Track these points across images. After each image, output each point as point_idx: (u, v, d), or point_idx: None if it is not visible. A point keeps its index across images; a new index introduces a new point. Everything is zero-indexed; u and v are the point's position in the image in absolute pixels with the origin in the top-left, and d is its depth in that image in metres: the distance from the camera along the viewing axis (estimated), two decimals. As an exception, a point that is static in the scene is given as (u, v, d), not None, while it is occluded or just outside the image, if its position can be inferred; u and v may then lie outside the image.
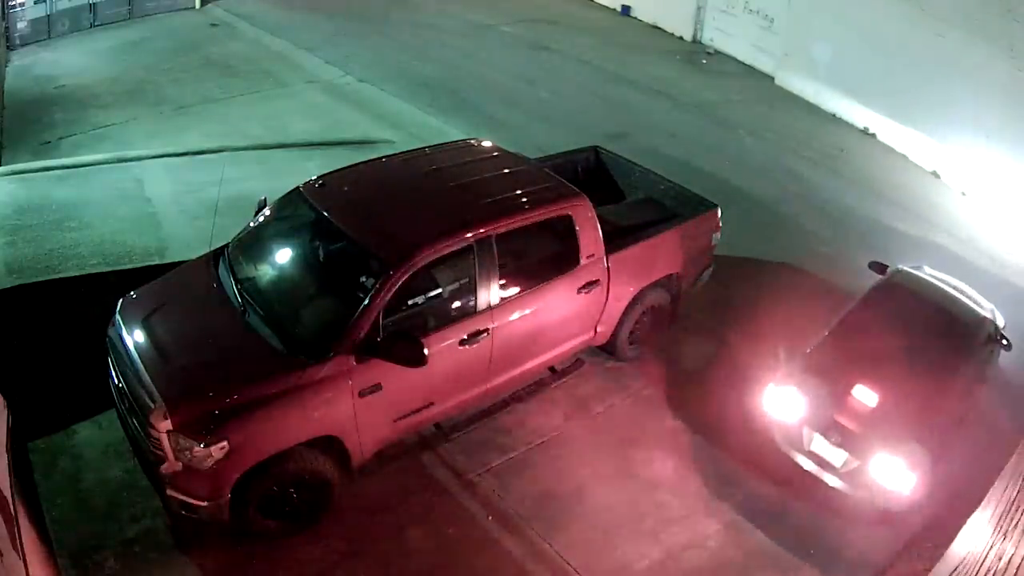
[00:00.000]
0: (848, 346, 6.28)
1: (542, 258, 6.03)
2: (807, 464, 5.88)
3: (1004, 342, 6.74)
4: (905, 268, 7.33)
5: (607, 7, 17.60)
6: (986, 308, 6.94)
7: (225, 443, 4.53)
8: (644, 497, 5.83)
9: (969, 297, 6.99)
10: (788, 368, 6.19)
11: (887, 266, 7.52)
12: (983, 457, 5.91)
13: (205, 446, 4.50)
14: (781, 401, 6.03)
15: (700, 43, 15.80)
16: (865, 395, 5.72)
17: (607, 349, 6.85)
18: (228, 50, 14.00)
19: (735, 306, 7.87)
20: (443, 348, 5.29)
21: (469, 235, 5.40)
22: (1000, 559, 3.53)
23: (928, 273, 7.31)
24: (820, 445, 5.79)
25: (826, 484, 5.78)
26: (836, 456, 5.70)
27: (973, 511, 5.14)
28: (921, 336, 6.30)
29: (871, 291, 6.94)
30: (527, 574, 5.15)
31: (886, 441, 5.50)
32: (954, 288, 7.06)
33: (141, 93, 12.02)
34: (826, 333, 6.46)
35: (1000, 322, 6.91)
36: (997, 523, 4.08)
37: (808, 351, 6.32)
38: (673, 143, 11.24)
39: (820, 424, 5.79)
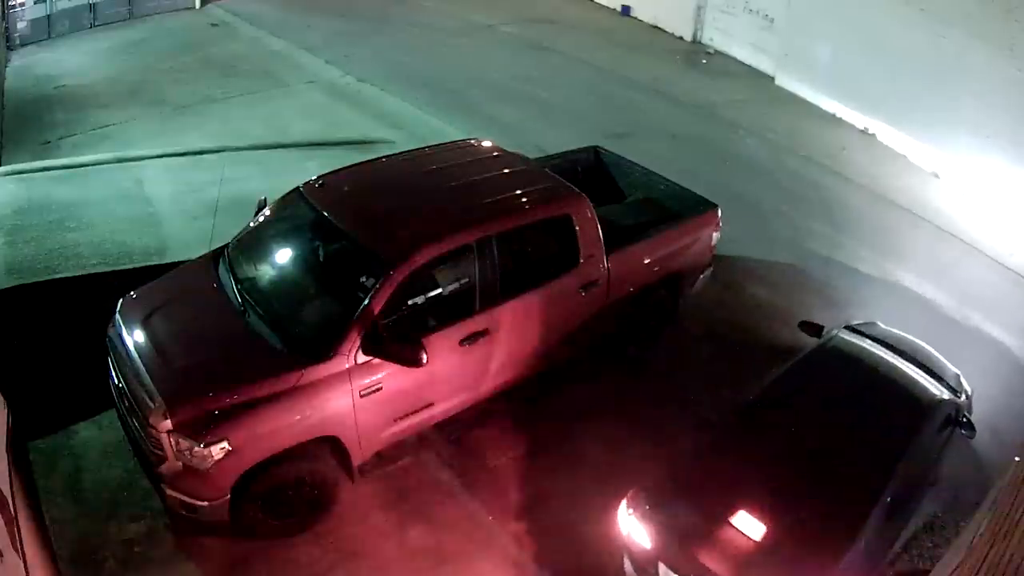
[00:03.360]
0: (740, 448, 4.84)
1: (542, 258, 6.02)
2: None
3: (965, 422, 5.34)
4: (843, 333, 5.86)
5: (607, 7, 17.60)
6: (949, 376, 5.65)
7: (225, 443, 4.53)
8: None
9: (928, 366, 5.63)
10: (651, 478, 4.76)
11: (822, 327, 6.12)
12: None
13: (205, 446, 4.50)
14: (633, 524, 4.56)
15: (700, 43, 15.79)
16: (748, 525, 4.33)
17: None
18: (228, 50, 14.02)
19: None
20: (443, 348, 5.28)
21: (469, 235, 5.40)
22: (1000, 559, 3.52)
23: (880, 334, 5.95)
24: None
25: None
26: None
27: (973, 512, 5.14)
28: (848, 431, 4.89)
29: (791, 366, 5.46)
30: (527, 574, 5.14)
31: None
32: (909, 355, 5.67)
33: (141, 93, 12.04)
34: (713, 424, 5.08)
35: (964, 395, 5.67)
36: (997, 524, 4.08)
37: (683, 452, 4.93)
38: (673, 143, 11.23)
39: (678, 562, 4.35)
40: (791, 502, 4.48)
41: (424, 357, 4.90)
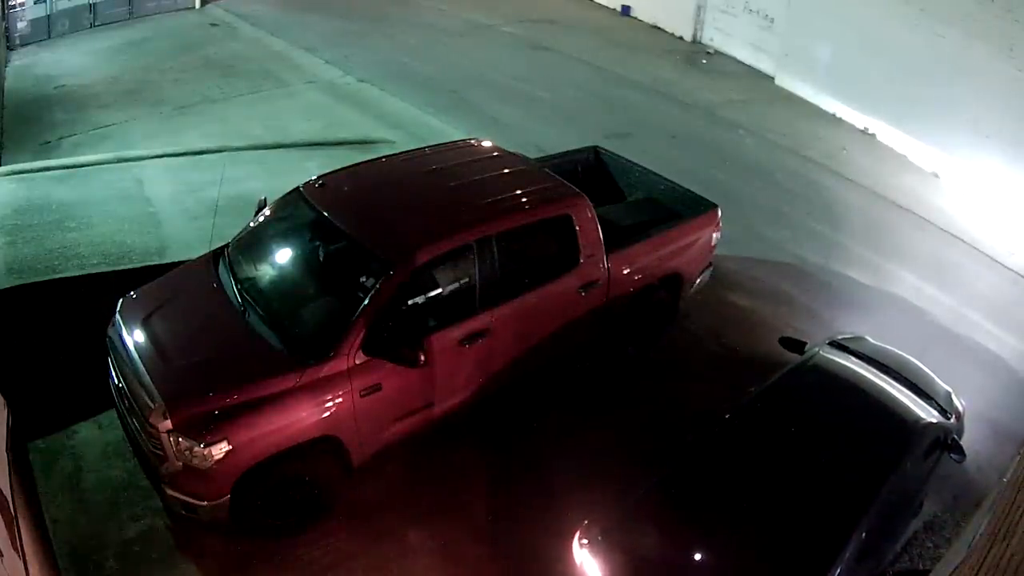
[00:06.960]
0: (702, 476, 4.49)
1: (542, 258, 6.02)
2: None
3: (954, 446, 5.03)
4: (825, 350, 5.51)
5: (607, 7, 17.61)
6: (939, 395, 5.37)
7: (225, 443, 4.53)
8: None
9: (916, 384, 5.33)
10: (606, 512, 4.44)
11: (804, 343, 5.77)
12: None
13: (205, 446, 4.49)
14: (586, 556, 4.30)
15: (700, 43, 15.79)
16: (707, 560, 4.10)
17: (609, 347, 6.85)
18: (228, 50, 14.02)
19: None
20: (443, 348, 5.28)
21: (469, 235, 5.40)
22: (1000, 559, 3.52)
23: (866, 349, 5.65)
24: None
25: None
26: None
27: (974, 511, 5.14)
28: (823, 459, 4.53)
29: (765, 387, 5.12)
30: (527, 574, 5.13)
31: None
32: (897, 373, 5.39)
33: (141, 93, 12.05)
34: (678, 457, 4.67)
35: (954, 416, 5.37)
36: (997, 524, 4.08)
37: (641, 480, 4.54)
38: (673, 143, 11.23)
39: None
40: (755, 536, 4.18)
41: (422, 358, 4.91)
